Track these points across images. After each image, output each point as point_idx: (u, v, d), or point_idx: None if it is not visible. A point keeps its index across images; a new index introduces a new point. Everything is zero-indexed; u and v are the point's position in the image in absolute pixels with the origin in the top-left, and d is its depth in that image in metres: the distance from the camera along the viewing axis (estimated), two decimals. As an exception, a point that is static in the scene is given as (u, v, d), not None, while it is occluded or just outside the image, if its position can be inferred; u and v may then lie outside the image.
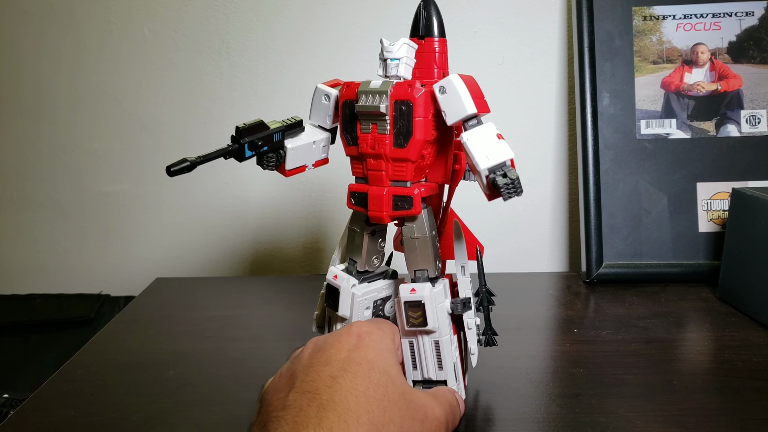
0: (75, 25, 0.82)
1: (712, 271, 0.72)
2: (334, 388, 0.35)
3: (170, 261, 0.88)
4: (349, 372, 0.36)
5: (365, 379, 0.36)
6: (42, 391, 0.51)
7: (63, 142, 0.85)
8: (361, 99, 0.42)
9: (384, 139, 0.41)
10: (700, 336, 0.60)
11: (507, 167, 0.38)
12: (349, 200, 0.44)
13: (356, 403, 0.34)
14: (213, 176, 0.85)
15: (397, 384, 0.38)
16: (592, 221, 0.75)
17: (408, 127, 0.41)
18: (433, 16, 0.44)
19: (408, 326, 0.43)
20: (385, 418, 0.35)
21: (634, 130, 0.75)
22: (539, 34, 0.81)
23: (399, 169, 0.42)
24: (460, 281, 0.44)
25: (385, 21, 0.80)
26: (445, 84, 0.40)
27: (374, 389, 0.36)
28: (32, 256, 0.89)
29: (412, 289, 0.42)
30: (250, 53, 0.82)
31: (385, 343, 0.41)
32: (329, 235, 0.86)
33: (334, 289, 0.45)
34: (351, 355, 0.38)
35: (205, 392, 0.51)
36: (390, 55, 0.41)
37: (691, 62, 0.76)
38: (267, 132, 0.43)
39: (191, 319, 0.67)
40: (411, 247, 0.44)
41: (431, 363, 0.44)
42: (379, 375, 0.37)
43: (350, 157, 0.44)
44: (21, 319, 0.85)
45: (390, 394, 0.36)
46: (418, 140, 0.41)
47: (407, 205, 0.42)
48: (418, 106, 0.41)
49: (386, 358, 0.39)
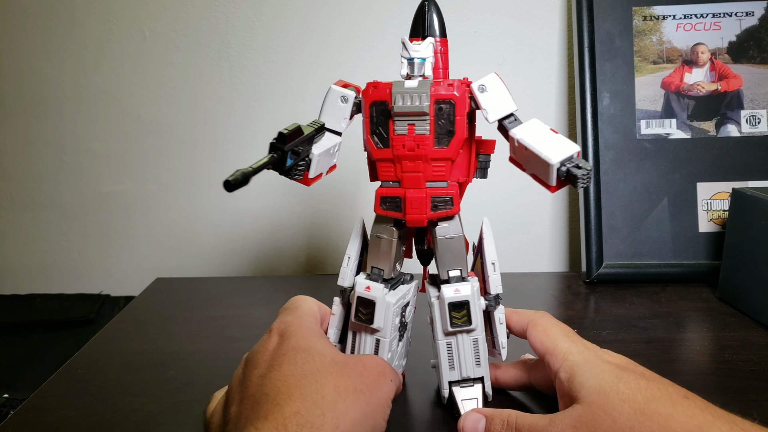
0: (76, 26, 0.82)
1: (712, 271, 0.72)
2: (264, 384, 0.36)
3: (170, 261, 0.88)
4: (275, 365, 0.37)
5: (291, 364, 0.37)
6: (42, 391, 0.51)
7: (63, 142, 0.85)
8: (397, 100, 0.41)
9: (425, 139, 0.41)
10: (700, 336, 0.60)
11: (576, 159, 0.39)
12: (378, 206, 0.43)
13: (286, 386, 0.35)
14: (213, 176, 0.85)
15: (325, 354, 0.38)
16: (592, 221, 0.75)
17: (450, 126, 0.41)
18: (434, 16, 0.44)
19: (451, 327, 0.43)
20: (318, 385, 0.35)
21: (634, 130, 0.75)
22: (539, 34, 0.81)
23: (438, 169, 0.42)
24: (492, 277, 0.45)
25: (385, 21, 0.80)
26: (486, 82, 0.42)
27: (301, 368, 0.36)
28: (32, 256, 0.89)
29: (456, 290, 0.43)
30: (250, 53, 0.82)
31: (305, 325, 0.41)
32: (329, 234, 0.86)
33: (368, 302, 0.44)
34: (275, 351, 0.38)
35: (205, 392, 0.51)
36: (417, 54, 0.42)
37: (691, 62, 0.76)
38: (304, 137, 0.40)
39: (191, 319, 0.67)
40: (446, 248, 0.44)
41: (470, 361, 0.44)
42: (305, 354, 0.38)
43: (377, 160, 0.43)
44: (21, 319, 0.85)
45: (318, 365, 0.37)
46: (459, 139, 0.41)
47: (448, 206, 0.42)
48: (460, 105, 0.41)
49: (309, 338, 0.40)
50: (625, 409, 0.35)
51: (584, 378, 0.38)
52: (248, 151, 0.84)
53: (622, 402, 0.35)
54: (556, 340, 0.42)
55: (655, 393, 0.35)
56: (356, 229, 0.48)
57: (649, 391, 0.36)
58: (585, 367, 0.39)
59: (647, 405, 0.35)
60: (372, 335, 0.45)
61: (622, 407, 0.35)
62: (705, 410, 0.34)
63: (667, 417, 0.34)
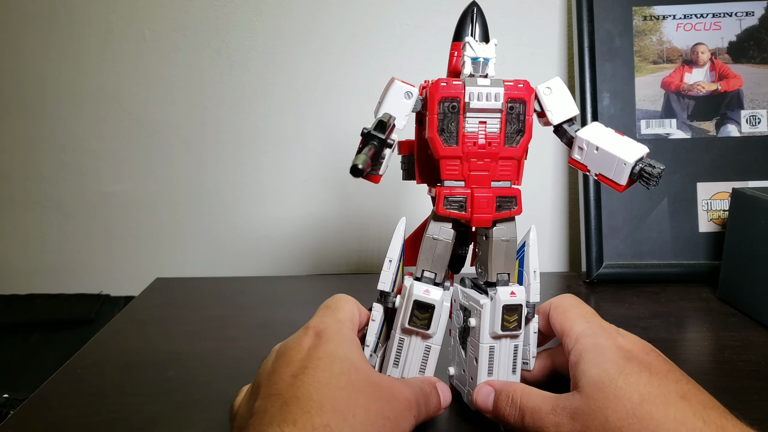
0: (75, 26, 0.82)
1: (712, 271, 0.72)
2: (295, 385, 0.35)
3: (170, 261, 0.88)
4: (309, 368, 0.36)
5: (326, 371, 0.36)
6: (42, 391, 0.51)
7: (63, 142, 0.85)
8: (472, 97, 0.41)
9: (496, 137, 0.42)
10: (700, 336, 0.60)
11: (646, 159, 0.41)
12: (441, 206, 0.42)
13: (319, 395, 0.34)
14: (213, 176, 0.85)
15: (361, 369, 0.37)
16: (592, 221, 0.75)
17: (520, 126, 0.42)
18: (481, 21, 0.46)
19: (502, 330, 0.43)
20: (350, 403, 0.35)
21: (634, 130, 0.75)
22: (539, 34, 0.81)
23: (505, 168, 0.42)
24: (533, 286, 0.44)
25: (386, 21, 0.80)
26: (552, 85, 0.43)
27: (336, 378, 0.36)
28: (32, 256, 0.89)
29: (512, 293, 0.42)
30: (250, 53, 0.82)
31: (345, 332, 0.40)
32: (329, 234, 0.86)
33: (427, 306, 0.43)
34: (311, 352, 0.37)
35: (205, 392, 0.51)
36: (484, 54, 0.42)
37: (691, 62, 0.76)
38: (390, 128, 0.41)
39: (191, 319, 0.67)
40: (500, 250, 0.43)
41: (508, 367, 0.44)
42: (341, 364, 0.37)
43: (443, 158, 0.42)
44: (21, 319, 0.85)
45: (354, 380, 0.36)
46: (528, 138, 0.42)
47: (512, 206, 0.43)
48: (530, 105, 0.42)
49: (347, 347, 0.39)
50: (618, 409, 0.35)
51: (587, 366, 0.38)
52: (248, 151, 0.84)
53: (617, 399, 0.35)
54: (572, 321, 0.42)
55: (652, 391, 0.35)
56: (398, 230, 0.45)
57: (647, 388, 0.35)
58: (592, 353, 0.39)
59: (640, 406, 0.34)
60: (424, 341, 0.44)
61: (616, 406, 0.35)
62: (697, 414, 0.34)
63: (657, 422, 0.34)
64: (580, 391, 0.37)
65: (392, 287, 0.44)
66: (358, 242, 0.85)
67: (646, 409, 0.34)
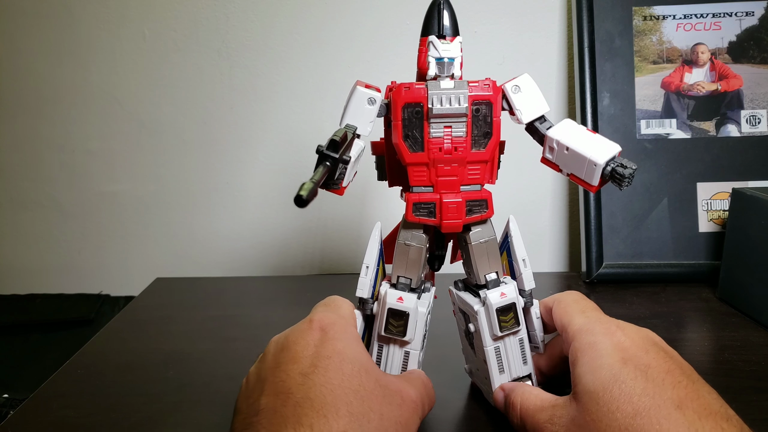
0: (74, 25, 0.82)
1: (712, 271, 0.72)
2: (307, 385, 0.34)
3: (170, 261, 0.88)
4: (320, 367, 0.35)
5: (338, 372, 0.35)
6: (42, 391, 0.51)
7: (63, 142, 0.85)
8: (434, 101, 0.40)
9: (462, 141, 0.40)
10: (700, 336, 0.60)
11: (618, 158, 0.39)
12: (410, 213, 0.42)
13: (333, 397, 0.33)
14: (213, 176, 0.85)
15: (371, 372, 0.37)
16: (592, 221, 0.75)
17: (487, 128, 0.41)
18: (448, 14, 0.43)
19: (501, 331, 0.43)
20: (365, 407, 0.34)
21: (634, 130, 0.75)
22: (539, 34, 0.81)
23: (474, 172, 0.41)
24: (524, 273, 0.44)
25: (386, 21, 0.80)
26: (520, 83, 0.42)
27: (348, 380, 0.35)
28: (32, 256, 0.89)
29: (502, 293, 0.42)
30: (250, 53, 0.82)
31: (350, 331, 0.39)
32: (329, 234, 0.86)
33: (401, 313, 0.42)
34: (319, 350, 0.36)
35: (205, 392, 0.51)
36: (448, 54, 0.41)
37: (691, 62, 0.76)
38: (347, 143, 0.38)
39: (191, 319, 0.67)
40: (481, 252, 0.43)
41: (518, 361, 0.44)
42: (351, 365, 0.36)
43: (409, 165, 0.41)
44: (21, 319, 0.85)
45: (365, 383, 0.35)
46: (496, 140, 0.41)
47: (483, 209, 0.42)
48: (497, 106, 0.41)
49: (354, 347, 0.38)
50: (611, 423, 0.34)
51: (582, 370, 0.37)
52: (248, 151, 0.84)
53: (610, 412, 0.34)
54: (571, 316, 0.42)
55: (646, 403, 0.34)
56: (374, 235, 0.45)
57: (642, 399, 0.34)
58: (588, 355, 0.38)
59: (633, 419, 0.34)
60: (402, 348, 0.44)
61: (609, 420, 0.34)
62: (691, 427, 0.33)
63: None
64: (577, 399, 0.37)
65: (371, 293, 0.44)
66: (358, 242, 0.85)
67: (638, 423, 0.33)
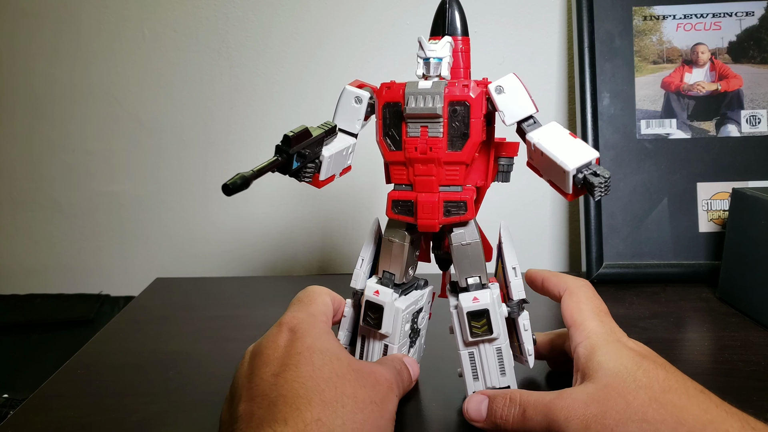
0: (74, 25, 0.82)
1: (712, 271, 0.72)
2: (279, 384, 0.35)
3: (170, 261, 0.88)
4: (290, 365, 0.36)
5: (308, 365, 0.36)
6: (42, 391, 0.51)
7: (62, 142, 0.85)
8: (410, 101, 0.40)
9: (438, 142, 0.40)
10: (700, 336, 0.60)
11: (594, 166, 0.37)
12: (390, 209, 0.42)
13: (305, 389, 0.34)
14: (212, 175, 0.85)
15: (341, 358, 0.37)
16: (592, 221, 0.75)
17: (464, 129, 0.40)
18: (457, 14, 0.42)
19: (471, 337, 0.42)
20: (337, 392, 0.35)
21: (634, 130, 0.75)
22: (539, 34, 0.81)
23: (451, 172, 0.40)
24: (513, 283, 0.43)
25: (385, 21, 0.80)
26: (504, 83, 0.40)
27: (319, 370, 0.35)
28: (32, 256, 0.89)
29: (474, 298, 0.41)
30: (249, 53, 0.82)
31: (319, 326, 0.40)
32: (329, 234, 0.86)
33: (377, 306, 0.43)
34: (288, 350, 0.37)
35: (205, 392, 0.51)
36: (434, 54, 0.40)
37: (691, 62, 0.76)
38: (312, 140, 0.40)
39: (191, 319, 0.67)
40: (462, 254, 0.42)
41: (494, 371, 0.43)
42: (321, 355, 0.36)
43: (390, 163, 0.42)
44: (21, 319, 0.85)
45: (337, 370, 0.36)
46: (474, 142, 0.40)
47: (461, 211, 0.41)
48: (475, 107, 0.39)
49: (324, 339, 0.38)
50: (640, 395, 0.34)
51: (603, 359, 0.38)
52: (248, 151, 0.84)
53: (638, 388, 0.35)
54: (585, 317, 0.41)
55: (673, 384, 0.35)
56: (371, 230, 0.46)
57: (667, 381, 0.36)
58: (606, 348, 0.38)
59: (663, 394, 0.34)
60: (380, 341, 0.44)
61: (637, 393, 0.35)
62: (719, 406, 0.34)
63: (681, 408, 0.34)
64: (596, 380, 0.37)
65: (363, 284, 0.45)
66: (358, 242, 0.85)
67: (668, 397, 0.34)
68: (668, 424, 0.33)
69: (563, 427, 0.35)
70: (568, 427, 0.35)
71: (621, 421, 0.34)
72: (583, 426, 0.35)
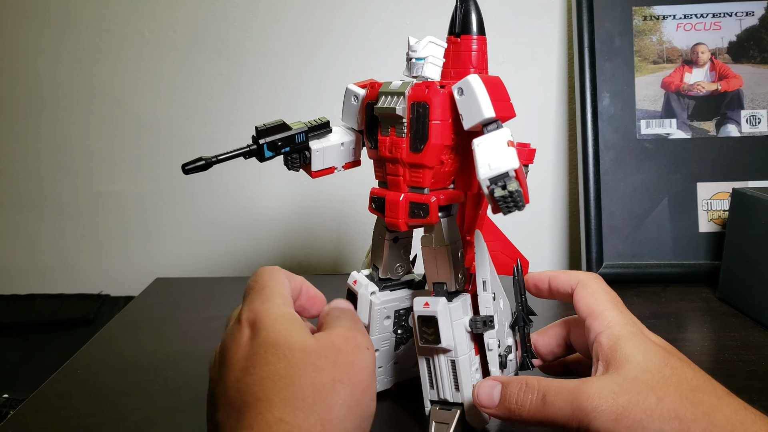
0: (74, 25, 0.82)
1: (712, 271, 0.72)
2: (241, 390, 0.34)
3: (170, 261, 0.88)
4: (249, 367, 0.35)
5: (264, 365, 0.35)
6: (42, 391, 0.51)
7: (62, 142, 0.85)
8: (380, 100, 0.40)
9: (401, 142, 0.39)
10: (700, 336, 0.60)
11: (509, 178, 0.34)
12: (369, 204, 0.42)
13: (263, 391, 0.33)
14: (212, 176, 0.85)
15: (293, 345, 0.35)
16: (592, 221, 0.75)
17: (424, 131, 0.38)
18: (471, 12, 0.41)
19: (422, 342, 0.41)
20: (294, 386, 0.33)
21: (635, 130, 0.75)
22: (539, 34, 0.81)
23: (416, 175, 0.39)
24: (481, 297, 0.41)
25: (385, 20, 0.80)
26: (463, 85, 0.37)
27: (274, 367, 0.34)
28: (32, 256, 0.89)
29: (426, 303, 0.40)
30: (249, 53, 0.82)
31: (274, 311, 0.38)
32: (329, 234, 0.86)
33: (353, 294, 0.44)
34: (247, 350, 0.36)
35: (205, 393, 0.50)
36: (414, 54, 0.39)
37: (691, 62, 0.76)
38: (288, 133, 0.43)
39: (191, 319, 0.67)
40: (429, 258, 0.41)
41: (447, 383, 0.41)
42: (276, 350, 0.35)
43: (373, 160, 0.43)
44: (21, 319, 0.85)
45: (291, 361, 0.34)
46: (434, 145, 0.38)
47: (423, 213, 0.39)
48: (435, 109, 0.38)
49: (277, 328, 0.36)
50: (671, 392, 0.34)
51: (630, 353, 0.37)
52: (248, 151, 0.84)
53: (668, 385, 0.35)
54: (603, 306, 0.40)
55: (701, 383, 0.35)
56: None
57: (695, 380, 0.35)
58: (632, 341, 0.37)
59: (693, 393, 0.34)
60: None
61: (667, 390, 0.34)
62: (747, 408, 0.34)
63: (713, 407, 0.34)
64: (622, 372, 0.36)
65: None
66: (359, 242, 0.85)
67: (699, 396, 0.34)
68: (700, 423, 0.33)
69: (590, 416, 0.34)
70: (596, 417, 0.34)
71: (653, 418, 0.33)
72: (613, 418, 0.34)
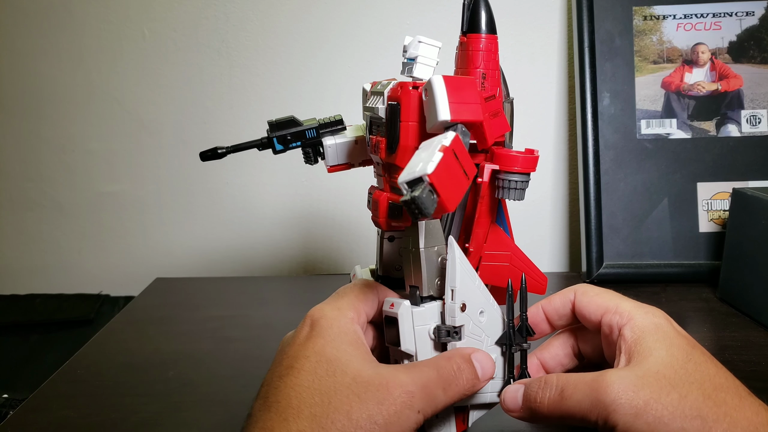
0: (74, 25, 0.82)
1: (712, 271, 0.72)
2: (279, 388, 0.34)
3: (170, 261, 0.88)
4: (294, 368, 0.35)
5: (310, 374, 0.34)
6: (42, 391, 0.51)
7: (62, 142, 0.85)
8: (369, 100, 0.40)
9: (381, 143, 0.39)
10: (700, 336, 0.60)
11: (420, 185, 0.31)
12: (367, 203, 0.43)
13: (298, 399, 0.33)
14: (212, 176, 0.85)
15: (348, 370, 0.34)
16: (593, 221, 0.75)
17: (395, 132, 0.37)
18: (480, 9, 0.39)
19: (387, 342, 0.40)
20: (329, 409, 0.33)
21: (635, 130, 0.75)
22: (539, 34, 0.81)
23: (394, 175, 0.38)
24: (447, 306, 0.39)
25: (384, 20, 0.80)
26: (427, 85, 0.35)
27: (320, 381, 0.34)
28: (32, 256, 0.89)
29: (392, 304, 0.39)
30: (249, 53, 0.82)
31: (339, 324, 0.37)
32: (329, 234, 0.86)
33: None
34: (300, 350, 0.36)
35: (205, 392, 0.51)
36: (405, 54, 0.39)
37: (691, 62, 0.76)
38: (298, 129, 0.45)
39: (191, 319, 0.67)
40: (406, 260, 0.40)
41: None
42: (327, 365, 0.34)
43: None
44: (21, 319, 0.85)
45: (338, 383, 0.34)
46: (405, 146, 0.37)
47: (398, 214, 0.38)
48: (405, 109, 0.37)
49: (337, 343, 0.36)
50: (693, 390, 0.34)
51: (654, 347, 0.36)
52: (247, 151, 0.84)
53: (690, 383, 0.34)
54: (617, 301, 0.40)
55: (723, 382, 0.35)
56: None
57: (718, 378, 0.35)
58: (656, 334, 0.37)
59: (716, 392, 0.34)
60: None
61: (690, 387, 0.34)
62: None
63: (735, 407, 0.33)
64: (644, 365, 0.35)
65: None
66: (359, 243, 0.85)
67: (722, 396, 0.34)
68: (721, 423, 0.33)
69: (609, 408, 0.33)
70: (616, 410, 0.33)
71: (675, 415, 0.33)
72: (633, 413, 0.33)
